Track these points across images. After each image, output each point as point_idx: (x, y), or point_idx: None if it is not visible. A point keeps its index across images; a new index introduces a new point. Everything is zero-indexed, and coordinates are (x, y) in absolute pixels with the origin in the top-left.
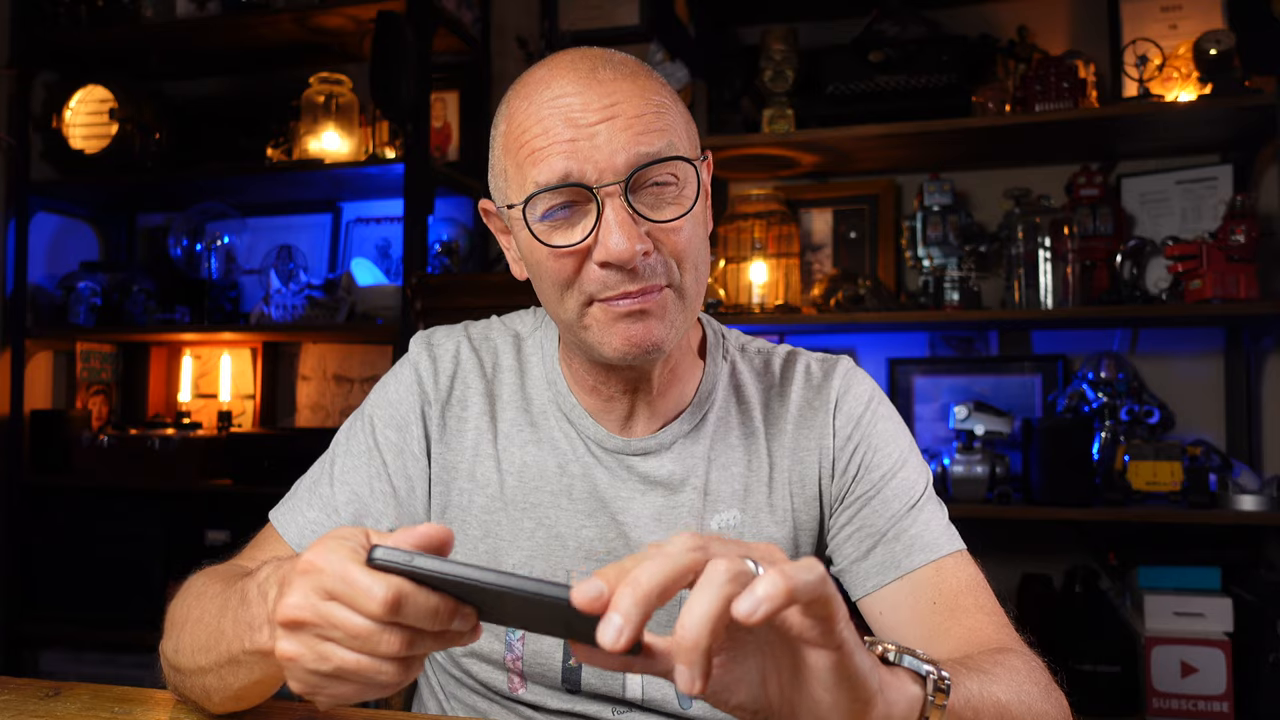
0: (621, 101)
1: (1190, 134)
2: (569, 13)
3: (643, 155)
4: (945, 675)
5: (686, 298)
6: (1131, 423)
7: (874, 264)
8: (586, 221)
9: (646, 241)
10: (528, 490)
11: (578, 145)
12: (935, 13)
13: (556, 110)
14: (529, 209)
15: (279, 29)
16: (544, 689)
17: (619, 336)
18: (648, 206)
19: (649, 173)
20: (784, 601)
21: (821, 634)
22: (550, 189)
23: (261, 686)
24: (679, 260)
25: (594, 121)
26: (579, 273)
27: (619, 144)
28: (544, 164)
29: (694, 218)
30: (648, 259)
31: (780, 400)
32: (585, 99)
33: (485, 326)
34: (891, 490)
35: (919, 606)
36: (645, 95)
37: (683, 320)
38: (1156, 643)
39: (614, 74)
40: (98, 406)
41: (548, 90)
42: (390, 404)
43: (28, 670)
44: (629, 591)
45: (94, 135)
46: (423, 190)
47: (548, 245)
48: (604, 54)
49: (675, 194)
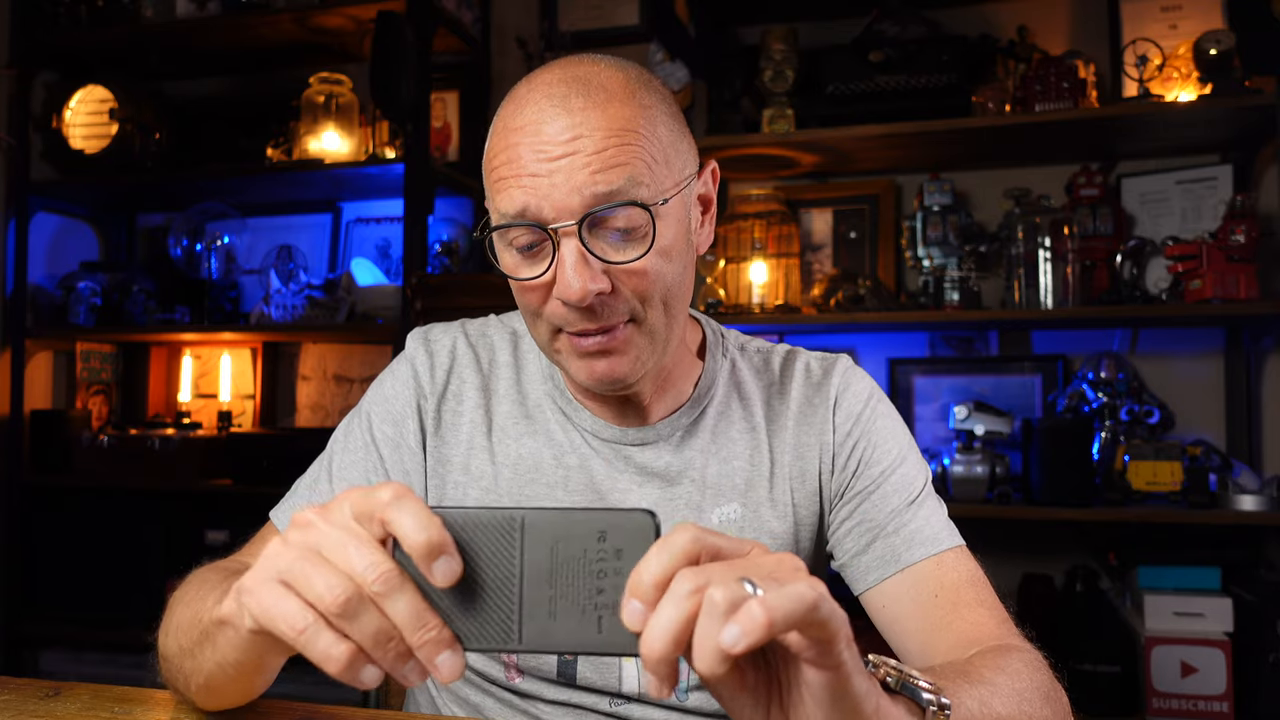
0: (585, 136)
1: (1190, 134)
2: (569, 13)
3: (598, 197)
4: (946, 703)
5: (654, 331)
6: (1131, 423)
7: (874, 264)
8: (547, 258)
9: (603, 281)
10: (523, 483)
11: (537, 181)
12: (935, 13)
13: (524, 139)
14: (496, 237)
15: (279, 29)
16: (540, 681)
17: (584, 371)
18: (608, 245)
19: (605, 215)
20: (763, 635)
21: (819, 654)
22: (509, 224)
23: (232, 673)
24: (642, 299)
25: (556, 156)
26: (544, 304)
27: (575, 184)
28: (505, 195)
29: (660, 253)
30: (604, 299)
31: (781, 398)
32: (553, 129)
33: (483, 324)
34: (891, 485)
35: (920, 599)
36: (614, 126)
37: (650, 352)
38: (1156, 643)
39: (585, 102)
40: (98, 406)
41: (519, 116)
42: (387, 399)
43: (28, 670)
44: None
45: (94, 135)
46: (423, 190)
47: (513, 278)
48: (586, 73)
49: (638, 234)
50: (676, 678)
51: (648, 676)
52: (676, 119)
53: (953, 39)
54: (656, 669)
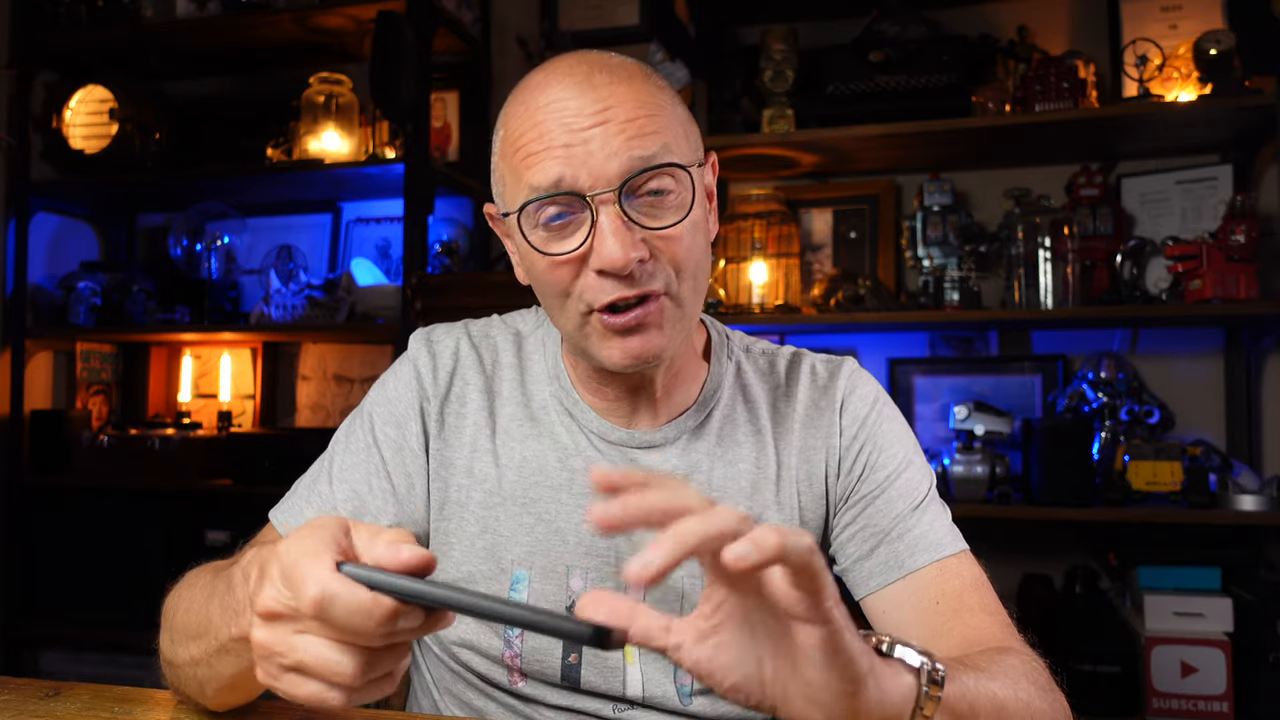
0: (615, 106)
1: (1190, 134)
2: (569, 13)
3: (636, 161)
4: (940, 667)
5: (684, 305)
6: (1131, 423)
7: (874, 264)
8: (583, 229)
9: (642, 248)
10: (527, 485)
11: (571, 151)
12: (935, 13)
13: (551, 115)
14: (524, 216)
15: (279, 29)
16: (543, 685)
17: (617, 350)
18: (644, 213)
19: (643, 179)
20: (775, 554)
21: (809, 608)
22: (544, 196)
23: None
24: (677, 268)
25: (587, 126)
26: (576, 280)
27: (612, 149)
28: (538, 169)
29: (692, 223)
30: (644, 265)
31: (787, 401)
32: (580, 103)
33: (486, 324)
34: (896, 490)
35: (922, 605)
36: (640, 99)
37: (681, 328)
38: (1156, 643)
39: (609, 78)
40: (98, 406)
41: (543, 95)
42: (389, 401)
43: (28, 670)
44: (671, 537)
45: (94, 135)
46: (423, 190)
47: (544, 253)
48: (601, 58)
49: (673, 200)
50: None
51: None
52: (684, 107)
53: (953, 39)
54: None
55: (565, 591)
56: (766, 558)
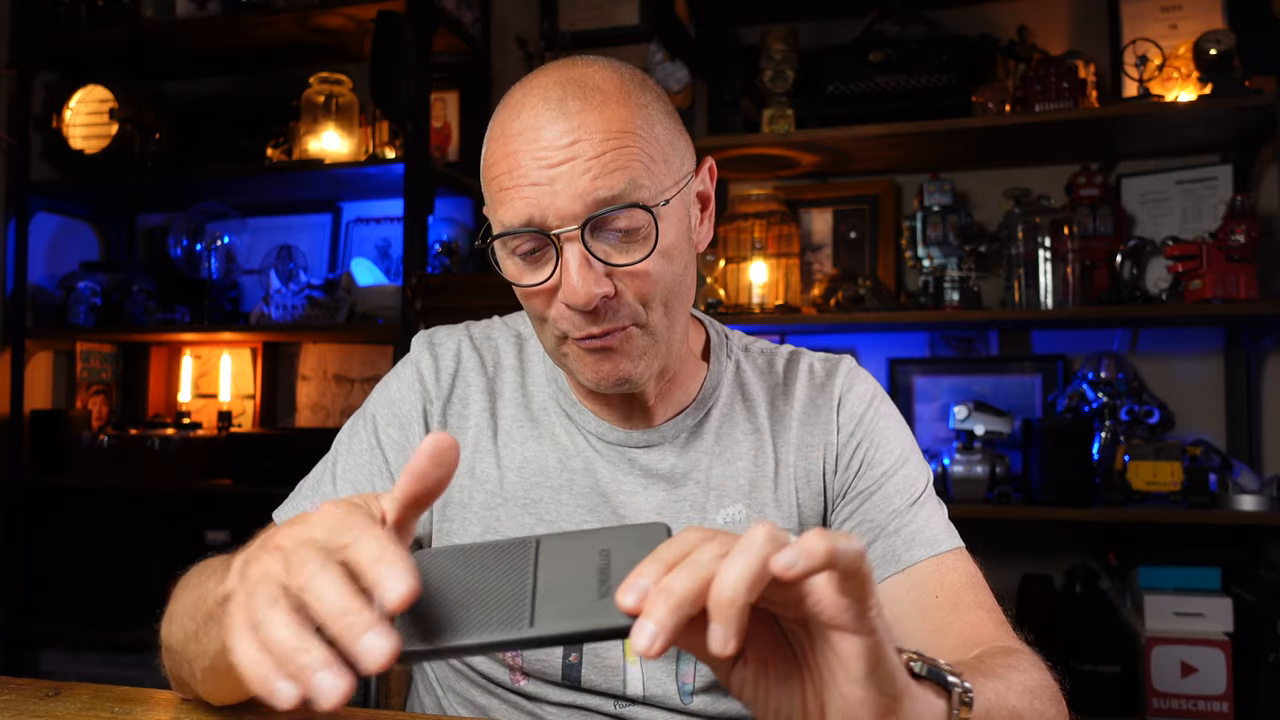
0: (583, 140)
1: (1190, 134)
2: (569, 13)
3: (599, 201)
4: (969, 687)
5: (656, 333)
6: (1131, 423)
7: (874, 264)
8: (552, 262)
9: (607, 284)
10: (528, 486)
11: (539, 190)
12: (935, 13)
13: (523, 146)
14: (499, 244)
15: (279, 29)
16: (544, 683)
17: (591, 372)
18: (611, 247)
19: (607, 218)
20: (824, 561)
21: (855, 617)
22: (512, 232)
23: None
24: (644, 301)
25: (556, 162)
26: (549, 309)
27: (576, 190)
28: (507, 205)
29: (662, 254)
30: (609, 301)
31: (785, 399)
32: (550, 134)
33: (487, 326)
34: (893, 486)
35: (921, 600)
36: (611, 128)
37: (655, 354)
38: (1156, 643)
39: (581, 104)
40: (98, 406)
41: (517, 121)
42: (393, 403)
43: (28, 670)
44: (663, 600)
45: (94, 135)
46: (423, 190)
47: (517, 285)
48: (581, 75)
49: (640, 235)
50: (744, 628)
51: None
52: (673, 117)
53: (953, 39)
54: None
55: None
56: (815, 564)
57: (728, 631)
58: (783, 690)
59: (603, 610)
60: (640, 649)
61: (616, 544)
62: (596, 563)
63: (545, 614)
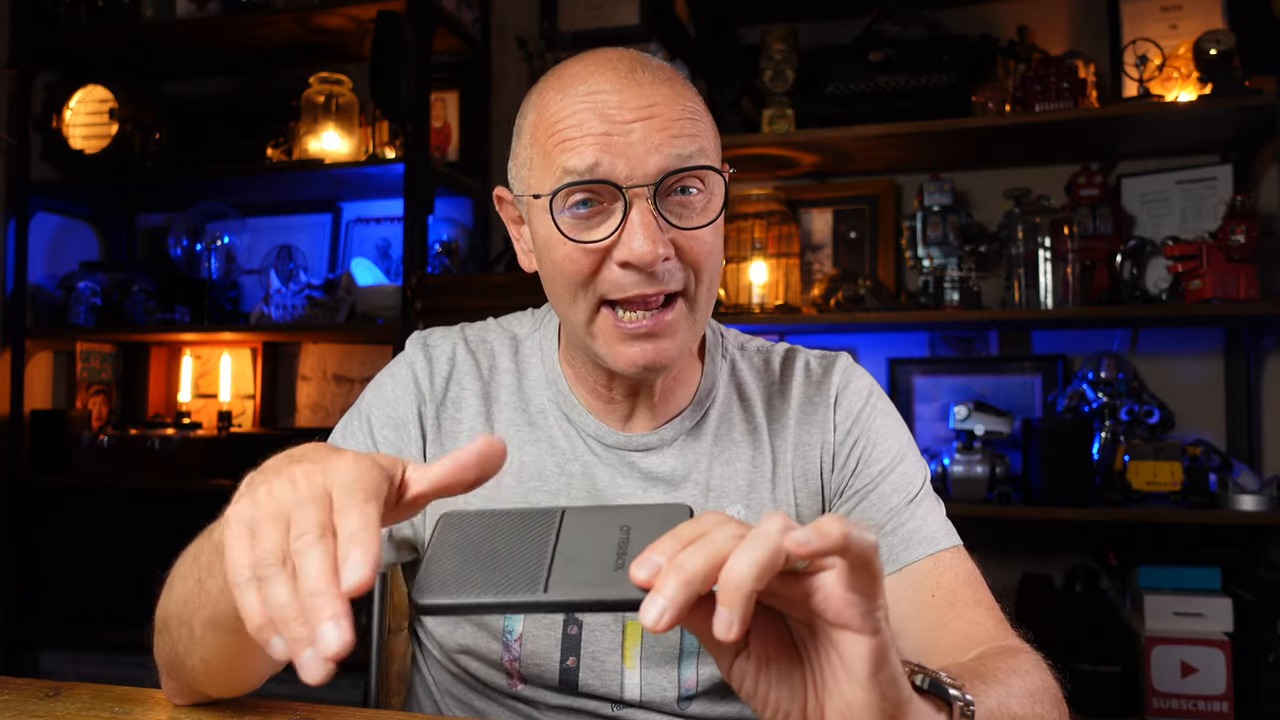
0: (659, 104)
1: (1190, 134)
2: (569, 13)
3: (676, 158)
4: (970, 700)
5: (698, 309)
6: (1131, 423)
7: (874, 264)
8: (610, 221)
9: (669, 247)
10: (526, 490)
11: (612, 140)
12: (935, 13)
13: (592, 104)
14: (555, 200)
15: (279, 29)
16: (541, 688)
17: (624, 354)
18: (673, 213)
19: (678, 178)
20: (837, 543)
21: (862, 614)
22: (579, 181)
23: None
24: (696, 269)
25: (630, 120)
26: (597, 272)
27: (653, 144)
28: (575, 153)
29: (716, 228)
30: (667, 264)
31: (781, 397)
32: (623, 97)
33: (482, 328)
34: (890, 485)
35: (918, 599)
36: (682, 101)
37: (691, 335)
38: (1156, 643)
39: (652, 77)
40: (98, 406)
41: (584, 85)
42: (388, 403)
43: (28, 670)
44: (674, 576)
45: (94, 135)
46: (423, 190)
47: (572, 239)
48: (642, 57)
49: (702, 202)
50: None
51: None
52: (712, 116)
53: (953, 39)
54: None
55: None
56: (828, 545)
57: (733, 616)
58: (784, 688)
59: (616, 582)
60: (649, 622)
61: (638, 521)
62: (617, 537)
63: (560, 580)
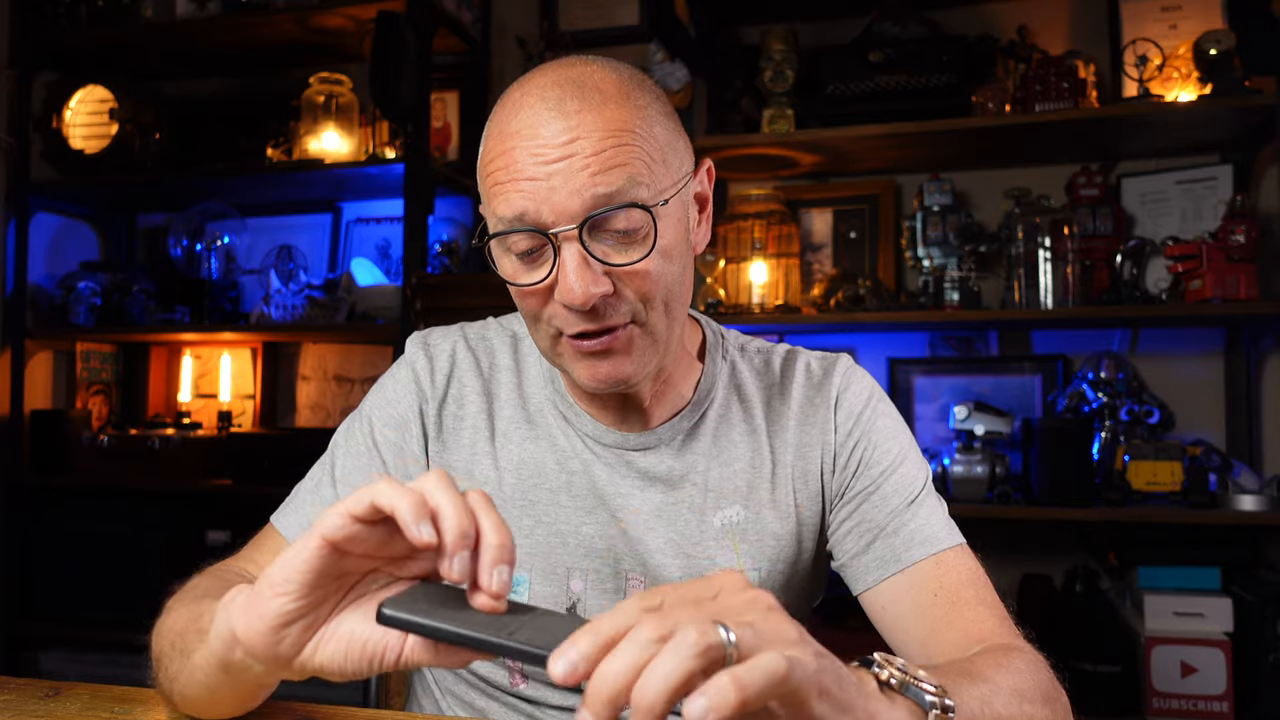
0: (582, 138)
1: (1190, 134)
2: (569, 13)
3: (598, 199)
4: (950, 704)
5: (655, 332)
6: (1131, 423)
7: (874, 264)
8: (549, 262)
9: (605, 283)
10: (526, 488)
11: (535, 185)
12: (935, 13)
13: (520, 144)
14: (495, 243)
15: (279, 29)
16: (544, 687)
17: (586, 373)
18: (609, 247)
19: (605, 217)
20: (733, 712)
21: (791, 714)
22: (509, 231)
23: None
24: (644, 300)
25: (554, 159)
26: (544, 308)
27: (574, 186)
28: (504, 199)
29: (660, 254)
30: (608, 300)
31: (782, 398)
32: (551, 131)
33: (482, 327)
34: (891, 486)
35: (920, 600)
36: (610, 127)
37: (653, 353)
38: (1156, 643)
39: (580, 104)
40: (98, 406)
41: (516, 118)
42: (389, 404)
43: (28, 670)
44: (602, 693)
45: (94, 135)
46: (423, 190)
47: (512, 284)
48: (580, 75)
49: (639, 235)
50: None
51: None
52: (671, 118)
53: (953, 39)
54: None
55: (565, 593)
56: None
57: None
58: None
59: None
60: None
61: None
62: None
63: (525, 632)
